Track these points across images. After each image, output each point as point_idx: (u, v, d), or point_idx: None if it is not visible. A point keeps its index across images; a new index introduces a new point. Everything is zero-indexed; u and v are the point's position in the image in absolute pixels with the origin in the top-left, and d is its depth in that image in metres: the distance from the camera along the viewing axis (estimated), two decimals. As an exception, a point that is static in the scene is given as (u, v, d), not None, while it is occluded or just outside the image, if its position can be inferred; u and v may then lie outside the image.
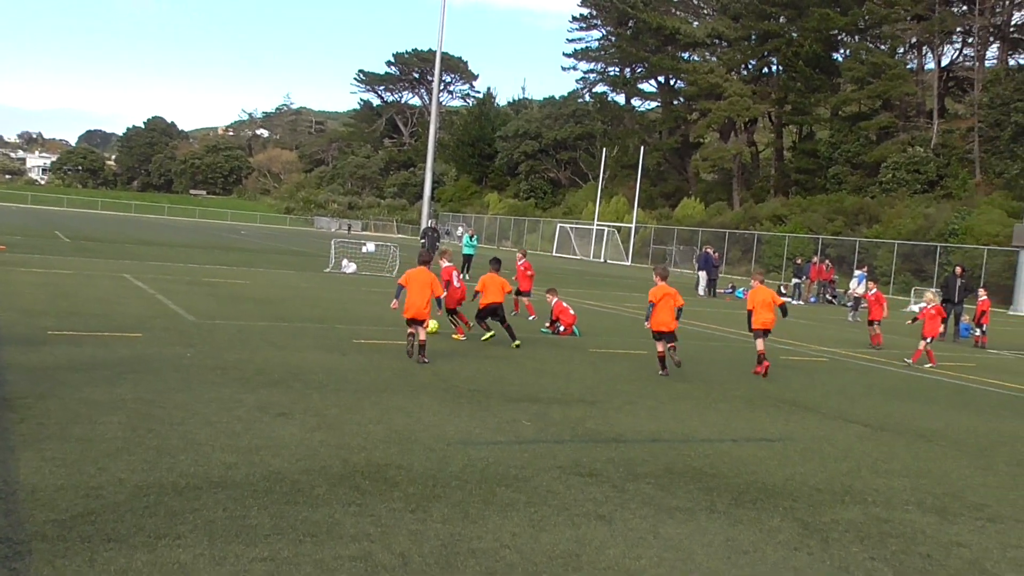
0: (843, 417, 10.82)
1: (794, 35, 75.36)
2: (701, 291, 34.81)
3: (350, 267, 30.20)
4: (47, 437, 6.82)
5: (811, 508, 6.78)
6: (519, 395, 10.35)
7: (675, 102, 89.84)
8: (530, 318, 18.95)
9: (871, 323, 20.13)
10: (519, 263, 20.49)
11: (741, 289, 38.15)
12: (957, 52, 72.05)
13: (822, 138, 75.17)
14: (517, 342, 14.44)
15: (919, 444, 9.58)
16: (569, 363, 13.39)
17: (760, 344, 13.59)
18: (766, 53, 79.43)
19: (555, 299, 17.21)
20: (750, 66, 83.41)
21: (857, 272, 32.47)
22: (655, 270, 13.30)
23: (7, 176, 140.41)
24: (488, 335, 14.91)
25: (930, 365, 16.82)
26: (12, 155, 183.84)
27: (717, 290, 36.14)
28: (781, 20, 77.20)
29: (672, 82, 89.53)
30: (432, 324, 13.55)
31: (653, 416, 9.90)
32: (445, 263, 16.05)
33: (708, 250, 37.72)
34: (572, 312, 17.12)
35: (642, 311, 24.57)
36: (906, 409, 11.84)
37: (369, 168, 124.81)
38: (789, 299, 36.84)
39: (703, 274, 35.76)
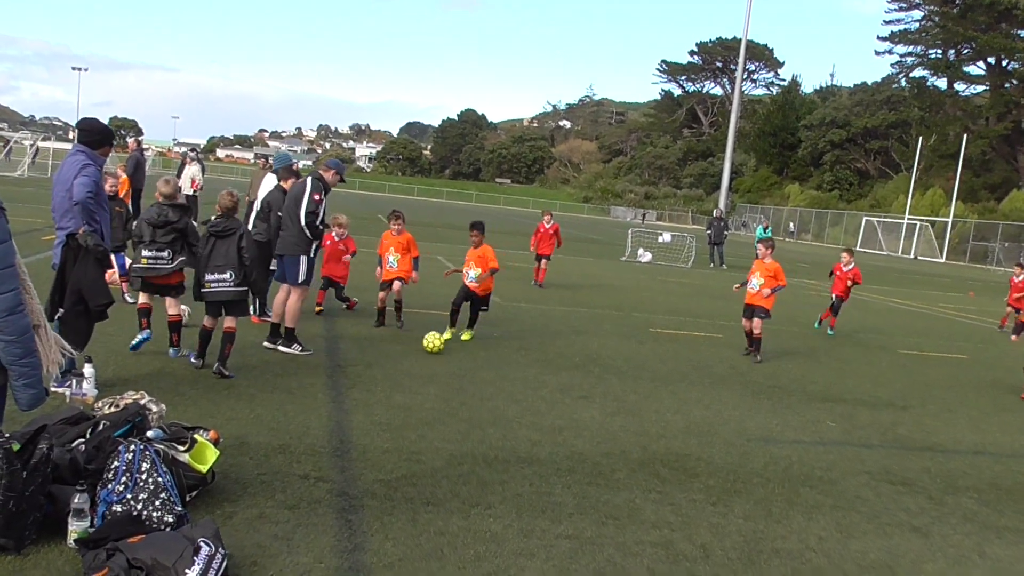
0: None
1: None
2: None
3: (646, 256, 30.33)
4: (374, 403, 7.47)
5: None
6: (822, 395, 9.91)
7: (1007, 85, 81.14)
8: (536, 284, 18.63)
9: None
10: (547, 225, 19.32)
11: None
12: None
13: None
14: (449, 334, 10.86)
15: None
16: (876, 365, 12.60)
17: None
18: (1125, 25, 69.72)
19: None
20: (1101, 41, 73.61)
21: None
22: (768, 244, 12.20)
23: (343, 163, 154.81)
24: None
25: None
26: (344, 145, 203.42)
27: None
28: None
29: (1004, 63, 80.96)
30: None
31: (975, 426, 9.09)
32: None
33: (1042, 248, 33.94)
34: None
35: (959, 312, 22.61)
36: None
37: (667, 158, 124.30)
38: None
39: (1034, 273, 32.20)
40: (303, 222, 9.17)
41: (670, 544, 5.03)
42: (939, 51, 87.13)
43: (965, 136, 67.73)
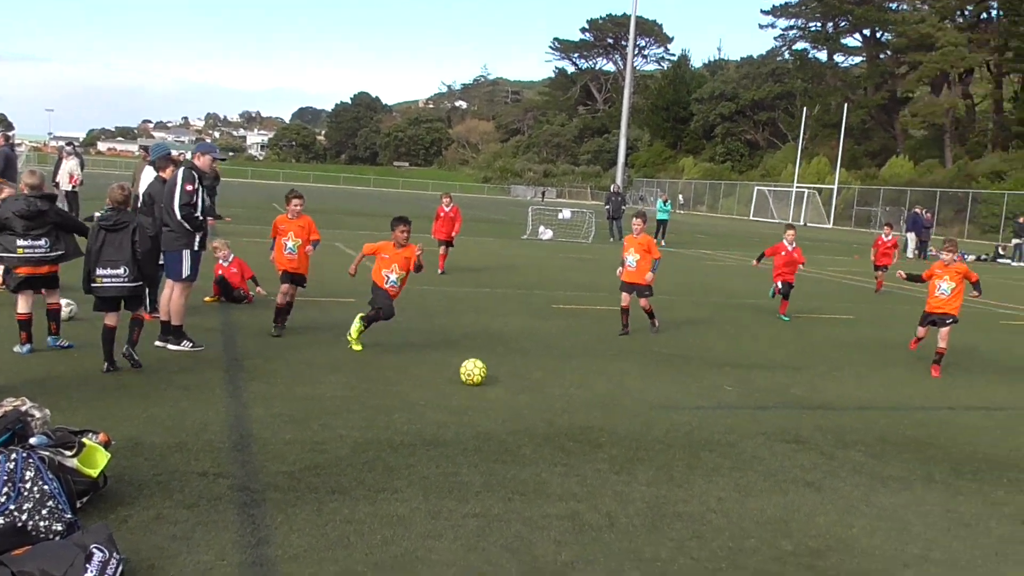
0: (1082, 388, 9.93)
1: (1021, -26, 68.90)
2: (910, 253, 33.02)
3: (547, 233, 30.55)
4: (275, 395, 7.33)
5: (1044, 483, 6.30)
6: (721, 360, 10.17)
7: (881, 56, 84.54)
8: (439, 272, 17.39)
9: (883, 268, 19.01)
10: (447, 208, 17.97)
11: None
12: None
13: (1052, 86, 68.57)
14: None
15: None
16: (771, 329, 13.01)
17: None
18: (985, -3, 73.15)
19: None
20: (966, 13, 76.97)
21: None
22: (644, 217, 11.85)
23: (231, 153, 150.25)
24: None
25: None
26: (234, 133, 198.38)
27: (929, 252, 34.18)
28: (1006, -41, 70.76)
29: (878, 35, 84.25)
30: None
31: (862, 383, 9.49)
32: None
33: (918, 210, 35.80)
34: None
35: (846, 274, 23.50)
36: None
37: (564, 136, 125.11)
38: (1009, 261, 34.36)
39: (911, 235, 34.01)
40: (179, 215, 8.84)
41: (576, 515, 5.10)
42: (818, 24, 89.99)
43: (846, 106, 70.30)
